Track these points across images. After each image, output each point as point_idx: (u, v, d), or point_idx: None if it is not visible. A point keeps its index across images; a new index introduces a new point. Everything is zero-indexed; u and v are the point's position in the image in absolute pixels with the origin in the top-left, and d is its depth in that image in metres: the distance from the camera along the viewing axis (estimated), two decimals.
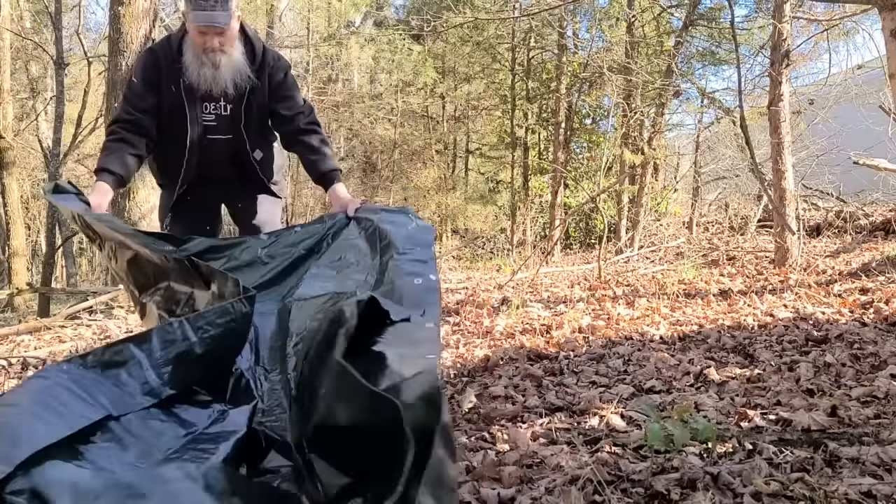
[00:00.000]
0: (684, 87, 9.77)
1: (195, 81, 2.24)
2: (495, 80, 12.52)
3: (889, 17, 3.51)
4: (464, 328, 3.75)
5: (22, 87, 13.55)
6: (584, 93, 11.57)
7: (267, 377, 1.42)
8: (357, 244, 1.85)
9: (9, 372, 2.95)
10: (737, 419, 1.93)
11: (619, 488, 1.51)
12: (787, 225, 5.23)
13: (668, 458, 1.63)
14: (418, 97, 12.41)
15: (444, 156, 12.97)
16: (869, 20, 6.71)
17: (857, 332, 2.85)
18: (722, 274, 5.42)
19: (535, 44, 11.61)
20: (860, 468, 1.52)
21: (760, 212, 8.24)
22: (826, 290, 4.05)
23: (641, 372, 2.53)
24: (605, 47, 10.49)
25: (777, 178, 5.38)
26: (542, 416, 2.09)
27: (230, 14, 2.16)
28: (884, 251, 5.43)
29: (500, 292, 4.99)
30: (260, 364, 1.47)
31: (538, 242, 10.35)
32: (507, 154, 12.32)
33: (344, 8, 12.41)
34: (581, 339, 3.15)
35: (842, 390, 2.13)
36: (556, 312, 3.99)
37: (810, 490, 1.38)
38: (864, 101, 7.49)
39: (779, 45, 5.32)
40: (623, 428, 1.93)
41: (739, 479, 1.47)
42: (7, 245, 9.87)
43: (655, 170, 10.77)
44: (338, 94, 12.02)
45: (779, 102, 5.28)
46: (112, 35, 5.86)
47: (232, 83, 2.27)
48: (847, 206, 7.92)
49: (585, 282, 5.53)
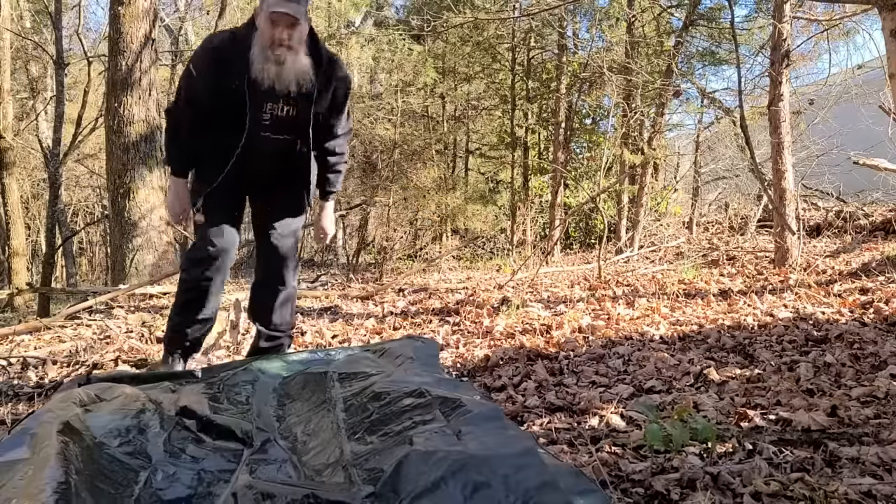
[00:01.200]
0: (684, 87, 9.77)
1: (259, 76, 2.25)
2: (495, 80, 12.52)
3: (889, 17, 3.51)
4: (464, 328, 3.75)
5: (22, 87, 13.54)
6: (584, 93, 11.56)
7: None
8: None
9: (8, 372, 2.95)
10: (737, 419, 1.93)
11: (620, 488, 1.51)
12: (787, 225, 5.23)
13: (667, 458, 1.63)
14: (418, 97, 12.40)
15: (444, 156, 12.97)
16: (869, 20, 6.71)
17: (857, 332, 2.85)
18: (722, 274, 5.42)
19: (535, 44, 11.61)
20: (860, 468, 1.52)
21: (760, 212, 8.24)
22: (826, 290, 4.05)
23: (641, 372, 2.53)
24: (605, 47, 10.49)
25: (777, 178, 5.38)
26: (542, 416, 2.09)
27: (305, 10, 2.22)
28: (884, 251, 5.43)
29: (500, 292, 4.98)
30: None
31: (538, 242, 10.34)
32: (507, 154, 12.32)
33: (344, 8, 12.42)
34: (581, 339, 3.15)
35: (842, 390, 2.13)
36: (556, 312, 3.99)
37: (810, 490, 1.38)
38: (864, 102, 7.49)
39: (779, 45, 5.32)
40: (623, 428, 1.93)
41: (739, 479, 1.47)
42: (7, 245, 9.87)
43: (655, 170, 10.76)
44: None
45: (779, 102, 5.28)
46: (112, 35, 5.86)
47: (295, 83, 2.28)
48: (847, 206, 7.92)
49: (585, 282, 5.53)
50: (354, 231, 13.39)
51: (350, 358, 2.40)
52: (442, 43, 11.88)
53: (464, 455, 1.31)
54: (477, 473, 1.25)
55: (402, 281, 6.56)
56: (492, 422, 1.53)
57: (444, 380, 2.11)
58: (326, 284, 7.77)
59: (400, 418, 1.66)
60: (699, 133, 10.66)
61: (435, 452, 1.34)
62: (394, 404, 1.74)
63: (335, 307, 4.99)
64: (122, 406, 1.81)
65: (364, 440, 1.63)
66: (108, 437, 1.61)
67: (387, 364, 2.30)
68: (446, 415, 1.60)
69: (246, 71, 2.25)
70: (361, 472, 1.43)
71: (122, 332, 3.58)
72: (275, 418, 1.95)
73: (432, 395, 1.71)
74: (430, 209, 11.55)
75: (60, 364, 2.99)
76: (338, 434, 1.71)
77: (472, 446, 1.38)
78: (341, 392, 2.00)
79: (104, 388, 1.96)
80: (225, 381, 2.19)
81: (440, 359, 2.57)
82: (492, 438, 1.43)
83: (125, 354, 3.12)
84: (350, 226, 13.55)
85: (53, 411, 1.65)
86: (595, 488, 1.29)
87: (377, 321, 4.16)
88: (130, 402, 1.84)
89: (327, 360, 2.43)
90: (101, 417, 1.69)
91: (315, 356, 2.49)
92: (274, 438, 1.77)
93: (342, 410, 1.87)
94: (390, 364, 2.29)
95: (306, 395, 2.08)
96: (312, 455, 1.66)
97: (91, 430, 1.60)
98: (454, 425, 1.53)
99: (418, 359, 2.31)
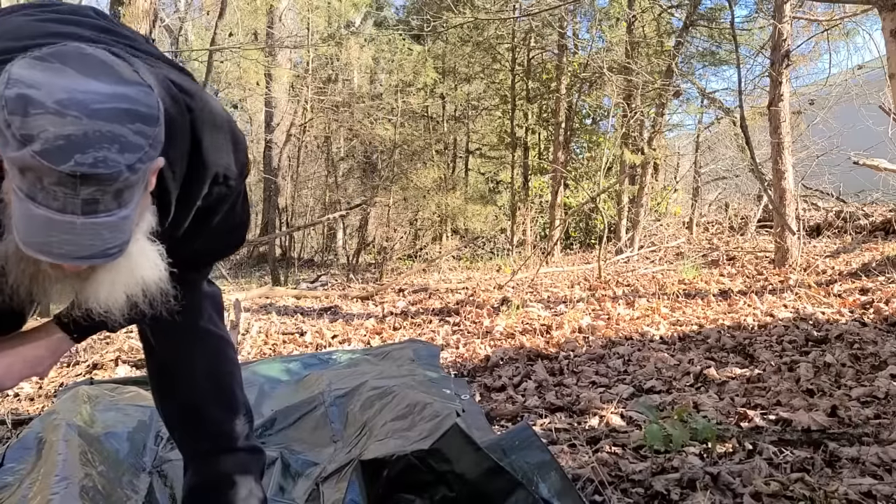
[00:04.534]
0: (684, 87, 9.76)
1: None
2: (495, 81, 12.51)
3: (889, 17, 3.51)
4: (464, 328, 3.75)
5: None
6: (584, 93, 11.56)
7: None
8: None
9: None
10: (737, 419, 1.93)
11: (619, 488, 1.51)
12: (787, 225, 5.23)
13: (667, 459, 1.63)
14: (418, 97, 12.40)
15: (444, 156, 12.96)
16: (869, 20, 6.71)
17: (857, 332, 2.85)
18: (722, 274, 5.42)
19: (535, 44, 11.60)
20: (860, 468, 1.52)
21: (760, 212, 8.23)
22: (826, 290, 4.05)
23: (641, 372, 2.53)
24: (606, 47, 10.48)
25: (777, 178, 5.38)
26: (543, 416, 2.09)
27: (126, 217, 0.85)
28: (884, 251, 5.43)
29: (500, 292, 4.98)
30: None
31: (538, 242, 10.34)
32: (507, 154, 12.32)
33: (344, 8, 12.40)
34: (581, 340, 3.15)
35: (842, 390, 2.13)
36: (556, 312, 3.99)
37: (810, 490, 1.38)
38: (865, 102, 7.48)
39: (779, 46, 5.32)
40: (623, 428, 1.93)
41: (739, 480, 1.47)
42: None
43: (655, 170, 10.76)
44: (337, 94, 12.01)
45: (779, 103, 5.28)
46: None
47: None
48: (847, 206, 7.91)
49: (585, 282, 5.53)
50: (354, 231, 13.38)
51: (350, 362, 2.41)
52: (442, 43, 11.87)
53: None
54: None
55: (402, 281, 6.56)
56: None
57: (444, 378, 2.12)
58: (326, 284, 7.77)
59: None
60: (699, 133, 10.65)
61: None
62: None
63: (335, 307, 4.99)
64: (127, 408, 1.81)
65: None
66: (114, 439, 1.62)
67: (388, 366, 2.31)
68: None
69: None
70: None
71: (124, 331, 3.58)
72: (272, 417, 1.95)
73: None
74: (430, 209, 11.55)
75: (60, 363, 2.99)
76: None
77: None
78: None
79: (109, 390, 1.96)
80: None
81: (440, 359, 2.57)
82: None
83: (125, 354, 3.12)
84: (350, 226, 13.54)
85: (59, 413, 1.65)
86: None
87: (377, 321, 4.16)
88: (135, 404, 1.85)
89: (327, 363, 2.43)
90: (107, 420, 1.70)
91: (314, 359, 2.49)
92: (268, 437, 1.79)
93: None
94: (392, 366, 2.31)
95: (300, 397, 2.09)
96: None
97: (97, 433, 1.61)
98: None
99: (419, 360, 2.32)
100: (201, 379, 1.28)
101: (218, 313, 1.37)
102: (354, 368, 2.29)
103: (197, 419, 1.28)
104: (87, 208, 0.77)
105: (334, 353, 2.63)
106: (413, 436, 1.54)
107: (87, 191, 0.76)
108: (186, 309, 1.12)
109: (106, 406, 1.79)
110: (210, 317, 1.32)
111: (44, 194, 0.76)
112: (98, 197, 0.77)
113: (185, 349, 1.27)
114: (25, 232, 0.79)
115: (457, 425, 1.42)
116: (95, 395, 1.86)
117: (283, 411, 1.97)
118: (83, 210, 0.77)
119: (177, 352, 1.27)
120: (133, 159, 0.79)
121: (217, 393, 1.29)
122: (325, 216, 11.01)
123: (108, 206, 0.79)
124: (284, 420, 1.94)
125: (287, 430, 1.89)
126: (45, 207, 0.76)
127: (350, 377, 2.12)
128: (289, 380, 2.30)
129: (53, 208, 0.76)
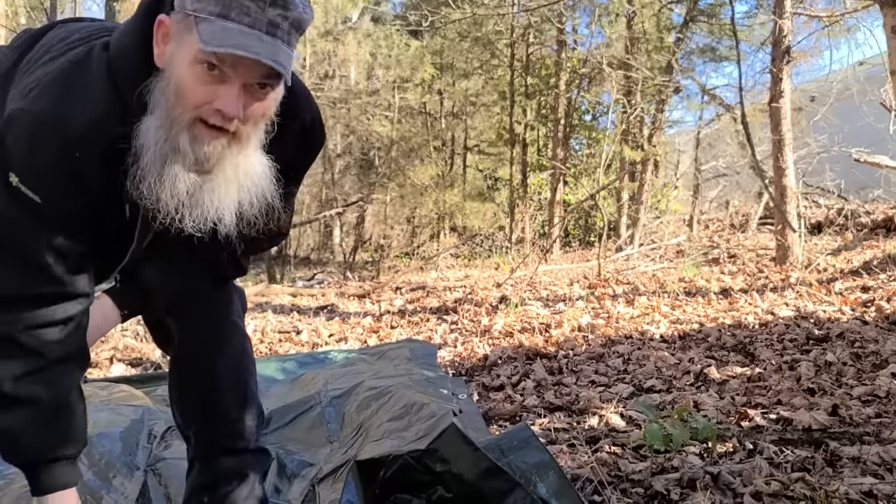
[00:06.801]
0: (685, 83, 9.75)
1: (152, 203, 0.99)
2: (494, 77, 12.48)
3: (890, 13, 3.49)
4: (462, 327, 3.73)
5: None
6: (583, 89, 11.54)
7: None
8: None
9: None
10: (737, 418, 1.92)
11: (619, 488, 1.49)
12: (788, 223, 5.22)
13: (667, 458, 1.61)
14: (416, 93, 12.37)
15: (442, 152, 12.94)
16: (870, 17, 6.68)
17: (859, 330, 2.83)
18: (723, 272, 5.40)
19: (534, 40, 11.57)
20: (861, 467, 1.50)
21: (761, 209, 8.23)
22: (827, 288, 4.03)
23: (641, 371, 2.51)
24: (605, 43, 10.47)
25: (778, 175, 5.36)
26: (541, 416, 2.07)
27: (292, 52, 0.96)
28: (885, 249, 5.41)
29: (499, 290, 4.96)
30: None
31: (537, 240, 10.32)
32: (506, 151, 12.29)
33: (341, 3, 12.36)
34: (580, 338, 3.13)
35: (843, 389, 2.11)
36: (556, 311, 3.97)
37: (811, 490, 1.37)
38: (866, 98, 7.46)
39: (780, 42, 5.30)
40: (623, 428, 1.92)
41: (740, 479, 1.46)
42: None
43: (655, 167, 10.75)
44: (335, 90, 11.97)
45: (780, 99, 5.26)
46: None
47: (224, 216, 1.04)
48: (848, 203, 7.90)
49: (585, 280, 5.51)
50: (351, 229, 13.37)
51: (346, 361, 2.39)
52: (440, 39, 11.84)
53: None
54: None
55: (399, 279, 6.54)
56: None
57: (441, 377, 2.10)
58: (323, 282, 7.76)
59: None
60: (699, 130, 10.64)
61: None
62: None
63: (332, 305, 4.97)
64: (120, 407, 1.79)
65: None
66: (106, 439, 1.60)
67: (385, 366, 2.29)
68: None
69: (120, 190, 1.00)
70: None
71: (118, 330, 3.56)
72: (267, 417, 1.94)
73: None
74: (428, 207, 11.54)
75: None
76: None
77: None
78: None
79: (101, 388, 1.94)
80: None
81: (438, 358, 2.56)
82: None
83: (120, 353, 3.10)
84: (347, 223, 13.53)
85: None
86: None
87: (374, 320, 4.14)
88: (128, 404, 1.83)
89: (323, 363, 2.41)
90: (99, 420, 1.68)
91: (310, 359, 2.47)
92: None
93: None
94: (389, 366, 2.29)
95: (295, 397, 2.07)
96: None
97: (89, 433, 1.59)
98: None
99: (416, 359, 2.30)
100: (225, 372, 1.27)
101: (244, 310, 1.38)
102: (351, 368, 2.27)
103: (213, 414, 1.26)
104: (270, 29, 0.91)
105: (330, 352, 2.61)
106: (410, 436, 1.52)
107: (273, 12, 0.91)
108: (221, 301, 1.27)
109: (97, 406, 1.77)
110: (238, 312, 1.33)
111: (237, 11, 0.90)
112: (279, 22, 0.92)
113: (214, 341, 1.27)
114: (221, 38, 0.89)
115: (454, 425, 1.41)
116: (87, 395, 1.84)
117: (279, 411, 1.95)
118: (267, 30, 0.91)
119: (207, 343, 1.27)
120: (306, 5, 0.96)
121: (237, 389, 1.28)
122: (322, 213, 10.98)
123: (284, 36, 0.93)
124: (280, 420, 1.91)
125: (282, 429, 1.87)
126: (237, 22, 0.90)
127: (346, 377, 2.10)
128: (284, 379, 2.28)
129: (244, 24, 0.90)
